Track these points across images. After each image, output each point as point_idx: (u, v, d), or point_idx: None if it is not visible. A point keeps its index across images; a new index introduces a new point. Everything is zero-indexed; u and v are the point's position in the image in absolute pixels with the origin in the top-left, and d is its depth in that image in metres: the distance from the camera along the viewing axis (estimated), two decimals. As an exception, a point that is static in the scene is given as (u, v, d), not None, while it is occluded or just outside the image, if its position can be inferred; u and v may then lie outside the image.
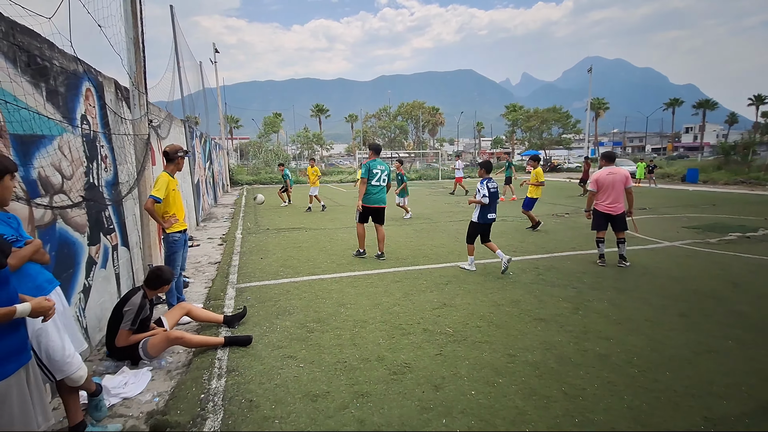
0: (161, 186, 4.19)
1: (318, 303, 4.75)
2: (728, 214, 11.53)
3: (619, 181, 6.32)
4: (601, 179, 6.41)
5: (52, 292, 2.55)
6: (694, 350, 3.47)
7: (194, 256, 7.39)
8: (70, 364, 2.50)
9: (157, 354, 3.50)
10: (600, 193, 6.44)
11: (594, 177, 6.56)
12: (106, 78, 4.84)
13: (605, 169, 6.49)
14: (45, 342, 2.41)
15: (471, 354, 3.44)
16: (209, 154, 15.93)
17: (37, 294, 2.49)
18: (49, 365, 2.46)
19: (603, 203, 6.42)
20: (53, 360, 2.44)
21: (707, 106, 70.19)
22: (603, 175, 6.41)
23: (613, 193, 6.33)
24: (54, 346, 2.43)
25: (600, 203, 6.45)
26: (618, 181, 6.32)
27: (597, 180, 6.46)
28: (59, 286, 2.63)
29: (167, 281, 3.58)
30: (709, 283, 5.36)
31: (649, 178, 23.44)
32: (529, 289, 5.20)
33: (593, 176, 6.59)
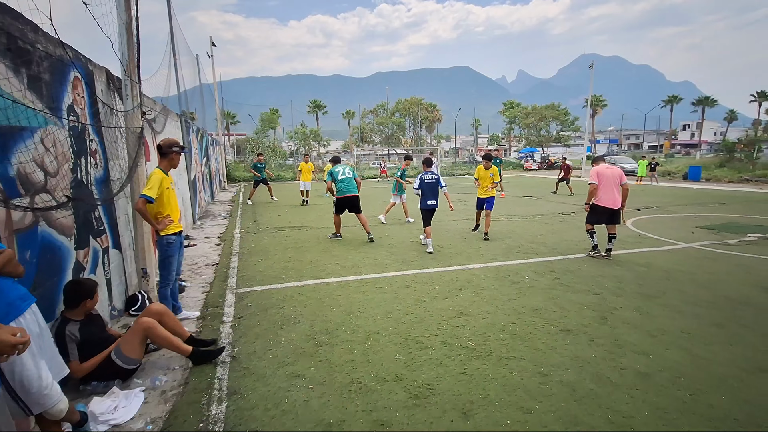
0: (154, 184, 3.82)
1: (325, 311, 4.41)
2: (741, 213, 11.26)
3: (616, 177, 6.55)
4: (602, 173, 6.58)
5: (26, 310, 2.20)
6: (743, 368, 3.16)
7: (191, 257, 7.03)
8: (48, 397, 2.15)
9: (139, 354, 3.13)
10: (601, 188, 6.58)
11: (595, 171, 6.68)
12: (97, 66, 4.46)
13: (603, 165, 6.74)
14: (19, 371, 2.06)
15: (498, 372, 3.12)
16: (206, 150, 15.51)
17: (9, 313, 2.14)
18: (24, 398, 2.11)
19: (604, 198, 6.57)
20: (28, 393, 2.09)
21: (706, 103, 70.09)
22: (603, 170, 6.61)
23: (614, 188, 6.53)
24: (29, 376, 2.08)
25: (601, 198, 6.59)
26: (616, 176, 6.56)
27: (599, 173, 6.60)
28: (35, 302, 2.28)
29: (88, 293, 3.05)
30: (739, 288, 5.06)
31: (651, 175, 23.21)
32: (548, 294, 4.88)
33: (594, 170, 6.72)
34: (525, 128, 52.15)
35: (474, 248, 7.31)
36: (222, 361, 3.33)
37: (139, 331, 3.10)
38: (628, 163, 30.09)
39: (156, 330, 3.08)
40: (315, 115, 67.55)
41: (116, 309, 4.43)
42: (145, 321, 3.10)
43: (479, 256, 6.72)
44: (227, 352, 3.48)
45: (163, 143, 4.15)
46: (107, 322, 3.96)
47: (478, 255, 6.81)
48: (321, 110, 68.14)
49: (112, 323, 4.23)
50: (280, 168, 31.62)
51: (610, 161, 29.79)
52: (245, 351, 3.50)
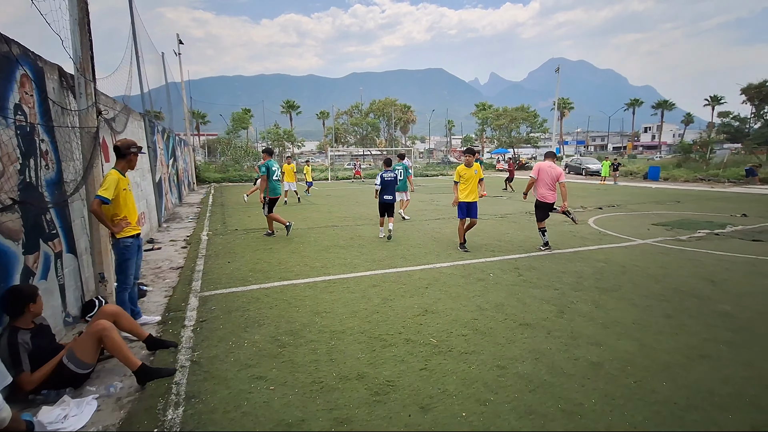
0: (109, 185, 3.71)
1: (291, 312, 4.39)
2: (693, 210, 11.89)
3: (555, 175, 7.08)
4: (542, 169, 7.13)
5: None
6: (687, 356, 3.36)
7: (155, 260, 6.83)
8: None
9: (92, 358, 3.01)
10: (539, 182, 7.13)
11: (537, 167, 7.23)
12: (48, 64, 4.28)
13: (547, 162, 7.25)
14: None
15: (458, 367, 3.19)
16: (173, 150, 15.08)
17: None
18: None
19: (541, 193, 7.13)
20: None
21: (665, 107, 73.55)
22: (545, 166, 7.15)
23: (549, 183, 7.09)
24: None
25: (540, 193, 7.14)
26: (554, 175, 7.09)
27: (540, 169, 7.16)
28: None
29: (29, 297, 2.93)
30: (687, 281, 5.36)
31: (613, 176, 24.19)
32: (511, 291, 5.02)
33: (537, 166, 7.28)
34: (497, 129, 53.23)
35: (443, 247, 7.42)
36: (182, 365, 3.27)
37: (93, 333, 3.00)
38: (593, 164, 31.24)
39: (111, 334, 2.98)
40: (289, 115, 66.74)
41: (71, 315, 4.26)
42: (101, 324, 3.00)
43: (447, 255, 6.83)
44: (187, 356, 3.41)
45: (121, 144, 4.03)
46: (60, 331, 3.82)
47: (446, 254, 6.93)
48: (295, 110, 67.37)
49: (67, 330, 4.07)
50: (253, 169, 31.06)
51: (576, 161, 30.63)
52: (206, 355, 3.44)
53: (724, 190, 18.64)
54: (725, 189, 19.01)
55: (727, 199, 14.84)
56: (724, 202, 14.08)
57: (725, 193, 17.06)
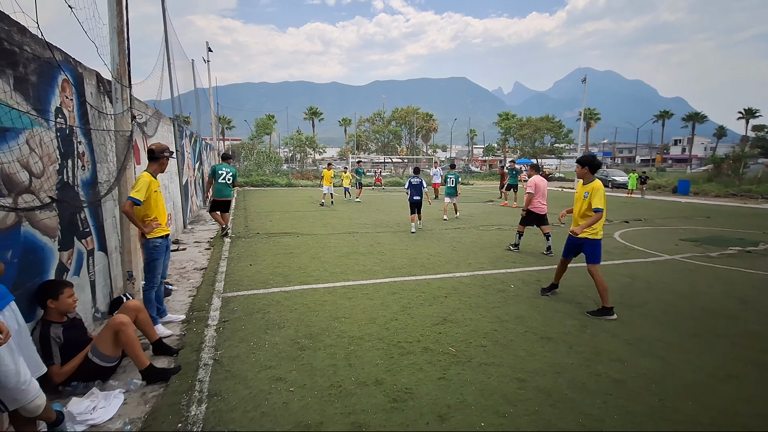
0: (141, 187, 3.86)
1: (310, 316, 4.44)
2: (724, 227, 11.47)
3: (545, 187, 7.77)
4: (538, 184, 7.66)
5: (5, 308, 2.22)
6: (713, 375, 3.24)
7: (179, 260, 7.03)
8: (25, 392, 2.17)
9: (115, 351, 3.12)
10: (536, 196, 7.65)
11: (533, 182, 7.73)
12: (87, 69, 4.51)
13: (537, 176, 7.80)
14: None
15: (477, 378, 3.16)
16: (199, 154, 15.52)
17: None
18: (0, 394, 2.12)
19: (537, 204, 7.67)
20: (5, 388, 2.11)
21: (697, 119, 71.35)
22: (539, 181, 7.69)
23: (544, 197, 7.75)
24: (6, 372, 2.10)
25: (534, 205, 7.66)
26: (546, 186, 7.77)
27: (536, 184, 7.67)
28: (14, 300, 2.30)
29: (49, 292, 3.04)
30: (716, 299, 5.17)
31: (640, 189, 23.56)
32: (532, 303, 4.95)
33: (532, 181, 7.75)
34: (520, 139, 52.66)
35: (463, 257, 7.37)
36: (204, 363, 3.35)
37: (111, 327, 3.11)
38: (619, 176, 30.49)
39: (127, 330, 3.08)
40: (311, 121, 67.76)
41: (100, 311, 4.43)
42: (119, 318, 3.11)
43: (467, 265, 6.78)
44: (210, 355, 3.49)
45: (155, 147, 4.19)
46: (90, 326, 3.97)
47: (466, 264, 6.88)
48: (317, 117, 68.38)
49: (95, 326, 4.22)
50: (275, 174, 31.63)
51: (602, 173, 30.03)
52: (228, 354, 3.52)
53: (757, 206, 17.90)
54: (759, 205, 18.25)
55: (761, 216, 14.24)
56: (758, 218, 13.51)
57: (759, 210, 16.38)
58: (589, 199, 4.62)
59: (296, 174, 34.08)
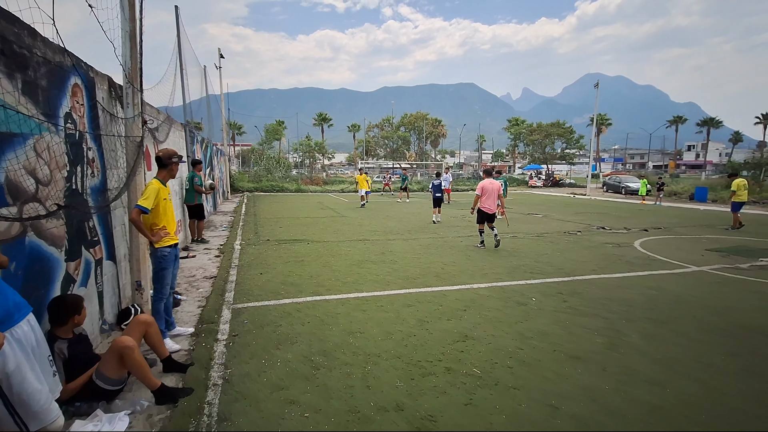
0: (149, 194, 3.72)
1: (323, 330, 4.25)
2: (750, 236, 11.06)
3: (494, 190, 8.69)
4: (485, 187, 8.73)
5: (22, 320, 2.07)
6: (760, 402, 2.97)
7: (189, 268, 6.90)
8: (48, 412, 2.02)
9: (119, 373, 2.94)
10: (483, 198, 8.70)
11: (480, 185, 8.80)
12: (99, 74, 4.41)
13: (486, 180, 8.86)
14: (18, 383, 1.92)
15: (505, 403, 2.94)
16: (210, 159, 15.51)
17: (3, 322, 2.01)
18: (22, 413, 1.96)
19: (484, 205, 8.72)
20: (29, 407, 1.95)
21: (711, 124, 70.21)
22: (486, 184, 8.75)
23: (491, 197, 8.68)
24: (31, 390, 1.94)
25: (482, 205, 8.73)
26: (494, 189, 8.69)
27: (483, 188, 8.75)
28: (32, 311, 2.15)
29: (75, 309, 2.92)
30: (752, 315, 4.87)
31: (657, 195, 23.08)
32: (555, 318, 4.70)
33: (480, 185, 8.83)
34: (530, 145, 52.21)
35: (478, 267, 7.14)
36: (214, 383, 3.17)
37: (116, 350, 2.94)
38: (633, 182, 29.96)
39: (132, 354, 2.89)
40: (320, 127, 68.03)
41: (107, 323, 4.29)
42: (123, 341, 2.92)
43: (483, 275, 6.55)
44: (219, 373, 3.32)
45: (162, 154, 4.05)
46: (96, 338, 3.83)
47: (482, 274, 6.65)
48: (326, 123, 68.65)
49: (103, 338, 4.08)
50: (285, 179, 31.67)
51: (614, 180, 29.57)
52: (238, 372, 3.34)
53: (780, 214, 17.35)
54: (781, 213, 17.70)
55: (786, 225, 13.76)
56: (783, 227, 13.06)
57: (782, 218, 15.87)
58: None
59: (305, 179, 34.09)
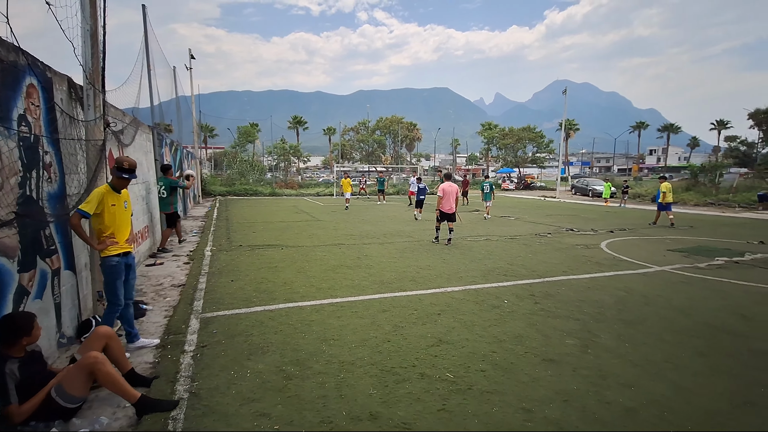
0: (93, 199, 3.52)
1: (297, 338, 4.14)
2: (708, 236, 11.60)
3: (453, 192, 9.69)
4: (445, 189, 9.69)
5: None
6: (730, 401, 3.07)
7: (156, 276, 6.63)
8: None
9: (83, 392, 2.77)
10: (444, 199, 9.63)
11: (441, 188, 9.80)
12: (58, 74, 4.17)
13: (446, 183, 9.86)
14: None
15: (480, 409, 2.93)
16: (180, 163, 15.04)
17: None
18: None
19: (446, 206, 9.65)
20: None
21: (671, 130, 73.69)
22: (446, 187, 9.74)
23: (451, 199, 9.65)
24: None
25: (444, 206, 9.65)
26: (453, 191, 9.70)
27: (443, 190, 9.70)
28: None
29: (24, 330, 2.71)
30: (716, 315, 5.07)
31: (621, 198, 23.96)
32: (529, 321, 4.76)
33: (441, 187, 9.83)
34: (502, 149, 53.30)
35: (453, 270, 7.18)
36: (179, 397, 3.02)
37: (84, 366, 2.77)
38: (599, 185, 31.01)
39: (104, 368, 2.73)
40: (295, 130, 67.30)
41: (66, 336, 4.04)
42: (92, 357, 2.76)
43: (458, 279, 6.58)
44: (186, 386, 3.17)
45: (116, 159, 3.81)
46: (54, 354, 3.60)
47: (457, 277, 6.68)
48: (302, 126, 67.94)
49: (60, 352, 3.85)
50: (259, 183, 31.08)
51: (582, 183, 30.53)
52: (207, 386, 3.20)
53: (735, 215, 18.31)
54: (737, 214, 18.68)
55: (741, 225, 14.52)
56: (738, 228, 13.77)
57: (737, 219, 16.74)
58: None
59: (280, 183, 33.58)
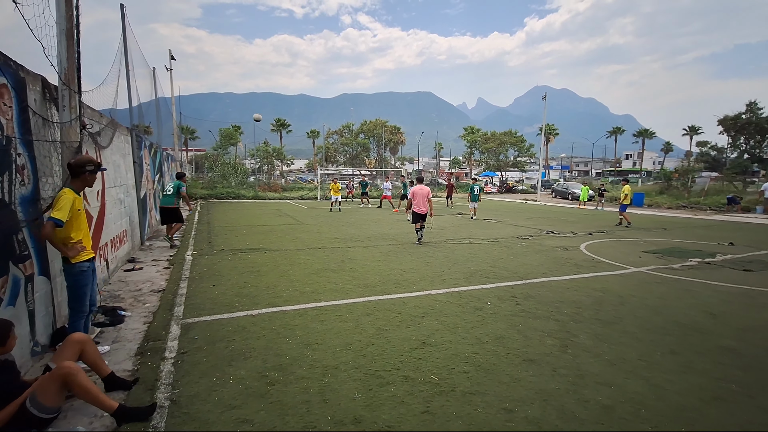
0: (64, 205, 3.36)
1: (279, 343, 4.11)
2: (681, 238, 12.00)
3: (425, 194, 10.38)
4: (416, 192, 10.46)
5: None
6: (700, 397, 3.20)
7: (135, 282, 6.48)
8: None
9: (57, 402, 2.70)
10: (415, 201, 10.42)
11: (412, 190, 10.55)
12: (31, 74, 4.06)
13: (417, 186, 10.59)
14: None
15: (463, 410, 2.96)
16: (160, 165, 14.74)
17: None
18: None
19: (416, 207, 10.41)
20: None
21: (646, 135, 75.95)
22: (416, 189, 10.50)
23: (421, 200, 10.36)
24: None
25: (415, 207, 10.43)
26: (424, 194, 10.38)
27: (414, 192, 10.48)
28: None
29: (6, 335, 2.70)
30: (687, 313, 5.25)
31: (598, 201, 24.59)
32: (511, 322, 4.84)
33: (412, 190, 10.60)
34: (485, 153, 53.99)
35: (437, 273, 7.24)
36: (160, 405, 2.97)
37: (58, 377, 2.69)
38: (577, 189, 31.75)
39: (77, 378, 2.66)
40: (279, 133, 66.73)
41: (40, 344, 3.92)
42: (66, 368, 2.68)
43: (442, 281, 6.64)
44: (166, 394, 3.11)
45: (75, 162, 3.64)
46: (27, 363, 3.49)
47: (440, 280, 6.74)
48: (285, 129, 67.43)
49: (34, 361, 3.73)
50: (241, 186, 30.67)
51: (562, 186, 31.31)
52: (187, 393, 3.15)
53: (707, 217, 18.99)
54: (708, 217, 19.37)
55: (712, 227, 15.07)
56: (709, 230, 14.28)
57: (708, 221, 17.36)
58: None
59: (263, 186, 33.21)
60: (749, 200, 22.49)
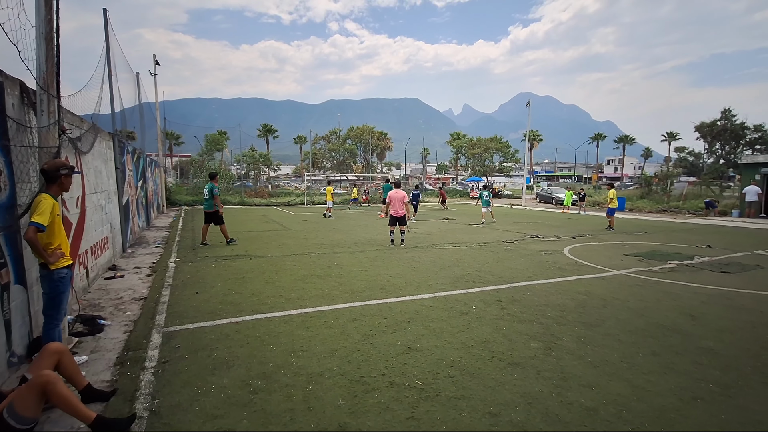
0: (45, 210, 3.30)
1: (264, 351, 4.06)
2: (661, 241, 12.26)
3: (401, 198, 10.95)
4: (392, 196, 10.99)
5: None
6: (680, 397, 3.26)
7: (116, 290, 6.35)
8: None
9: (35, 412, 2.62)
10: (392, 204, 10.94)
11: (389, 194, 11.09)
12: (9, 78, 3.96)
13: (393, 191, 11.13)
14: None
15: (448, 415, 2.96)
16: (143, 171, 14.50)
17: None
18: None
19: (393, 210, 10.94)
20: None
21: (627, 141, 77.83)
22: (392, 194, 11.02)
23: (398, 204, 10.90)
24: None
25: (392, 210, 10.94)
26: (400, 198, 10.95)
27: (390, 197, 11.03)
28: None
29: None
30: (667, 315, 5.36)
31: (579, 205, 25.00)
32: (496, 326, 4.87)
33: (389, 194, 11.13)
34: (471, 158, 54.51)
35: (423, 278, 7.26)
36: (139, 416, 2.90)
37: (36, 386, 2.62)
38: (562, 194, 32.25)
39: (56, 387, 2.60)
40: (266, 138, 66.34)
41: (16, 355, 3.80)
42: (44, 377, 2.62)
43: (428, 286, 6.66)
44: (146, 404, 3.04)
45: (48, 167, 3.57)
46: (3, 374, 3.38)
47: (427, 285, 6.76)
48: (272, 134, 67.10)
49: (10, 372, 3.61)
50: (227, 192, 30.33)
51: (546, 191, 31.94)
52: (168, 403, 3.08)
53: (685, 221, 19.45)
54: (686, 220, 19.85)
55: (690, 231, 15.43)
56: (688, 233, 14.62)
57: (687, 225, 17.78)
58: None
59: (249, 192, 32.91)
60: (726, 204, 23.14)
